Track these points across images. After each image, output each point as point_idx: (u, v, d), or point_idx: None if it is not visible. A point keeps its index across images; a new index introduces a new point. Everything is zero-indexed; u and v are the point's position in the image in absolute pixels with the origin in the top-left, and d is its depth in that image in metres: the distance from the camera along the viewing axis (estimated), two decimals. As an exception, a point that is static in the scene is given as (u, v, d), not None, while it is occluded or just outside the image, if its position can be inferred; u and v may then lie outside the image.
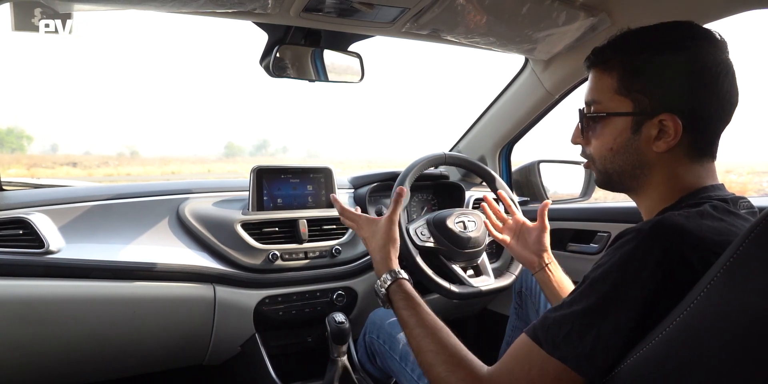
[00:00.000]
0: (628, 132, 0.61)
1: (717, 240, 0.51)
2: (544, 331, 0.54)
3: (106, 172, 33.84)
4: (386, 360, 1.01)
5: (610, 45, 0.63)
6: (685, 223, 0.52)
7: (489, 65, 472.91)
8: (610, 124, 0.63)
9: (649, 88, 0.59)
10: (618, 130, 0.62)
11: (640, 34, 0.61)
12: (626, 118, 0.61)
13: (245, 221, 1.16)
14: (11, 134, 69.00)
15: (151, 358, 1.16)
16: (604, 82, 0.63)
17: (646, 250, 0.51)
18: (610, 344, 0.50)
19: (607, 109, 0.63)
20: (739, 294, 0.43)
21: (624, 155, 0.63)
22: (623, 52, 0.61)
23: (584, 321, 0.52)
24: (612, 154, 0.63)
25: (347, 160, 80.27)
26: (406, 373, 0.93)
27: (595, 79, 0.65)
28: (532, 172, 1.69)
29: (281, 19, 1.02)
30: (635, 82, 0.60)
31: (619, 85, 0.61)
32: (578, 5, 1.00)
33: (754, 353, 0.41)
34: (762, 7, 0.86)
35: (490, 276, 1.19)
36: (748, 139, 27.36)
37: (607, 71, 0.62)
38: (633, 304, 0.50)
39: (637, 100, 0.60)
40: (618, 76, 0.61)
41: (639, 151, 0.61)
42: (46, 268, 0.96)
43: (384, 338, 1.03)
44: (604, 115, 0.63)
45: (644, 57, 0.59)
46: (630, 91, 0.60)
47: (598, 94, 0.64)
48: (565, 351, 0.52)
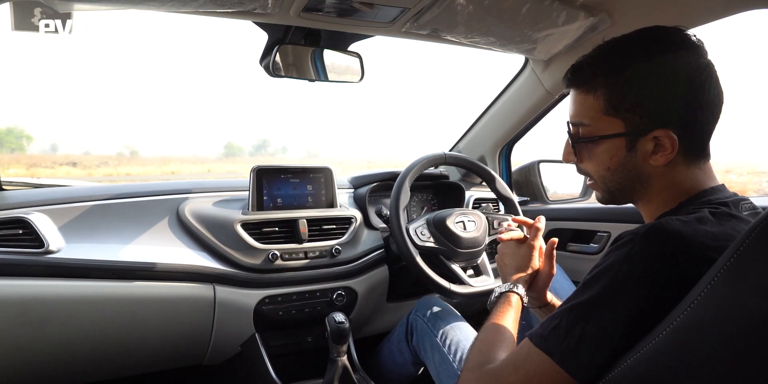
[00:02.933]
0: (623, 150, 0.60)
1: (713, 246, 0.51)
2: (537, 328, 0.57)
3: (105, 171, 33.84)
4: (424, 337, 1.05)
5: (588, 64, 0.61)
6: (681, 228, 0.52)
7: (489, 65, 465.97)
8: (602, 145, 0.62)
9: (639, 106, 0.58)
10: (612, 150, 0.61)
11: (617, 50, 0.60)
12: (619, 138, 0.60)
13: (245, 221, 1.16)
14: (11, 134, 68.98)
15: (151, 357, 1.16)
16: (590, 103, 0.61)
17: (639, 253, 0.52)
18: (596, 342, 0.51)
19: (597, 132, 0.61)
20: (739, 294, 0.43)
21: (622, 173, 0.62)
22: (606, 71, 0.60)
23: (572, 316, 0.53)
24: (610, 173, 0.63)
25: (347, 160, 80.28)
26: (442, 350, 0.99)
27: (579, 100, 0.63)
28: (532, 172, 1.69)
29: (281, 19, 1.02)
30: (623, 101, 0.59)
31: (607, 106, 0.59)
32: (578, 5, 1.00)
33: (755, 353, 0.41)
34: (761, 7, 0.86)
35: (490, 276, 1.19)
36: (748, 139, 27.09)
37: (590, 91, 0.61)
38: (622, 305, 0.51)
39: (627, 119, 0.59)
40: (604, 96, 0.59)
41: (637, 167, 0.61)
42: (46, 268, 0.96)
43: (429, 318, 1.07)
44: (597, 138, 0.61)
45: (628, 74, 0.58)
46: (619, 111, 0.59)
47: (586, 117, 0.62)
48: (551, 344, 0.53)
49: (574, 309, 0.54)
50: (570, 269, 1.22)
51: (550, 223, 1.49)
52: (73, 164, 39.37)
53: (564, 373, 0.52)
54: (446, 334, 1.02)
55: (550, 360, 0.53)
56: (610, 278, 0.52)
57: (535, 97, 1.40)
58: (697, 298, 0.45)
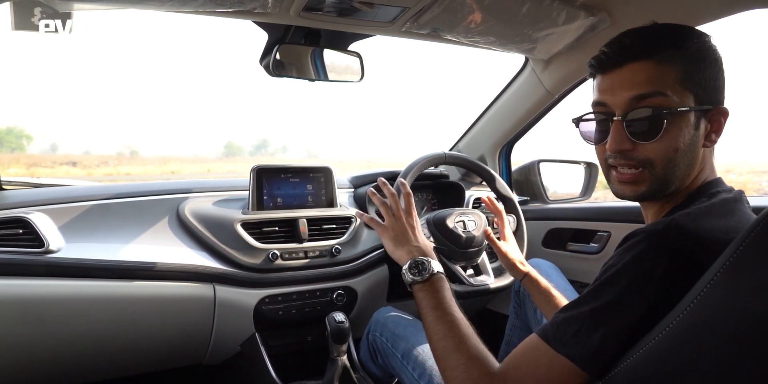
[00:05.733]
0: (692, 128, 0.57)
1: (725, 239, 0.50)
2: (553, 330, 0.55)
3: (105, 171, 33.82)
4: (388, 358, 1.01)
5: (657, 35, 0.59)
6: (695, 224, 0.52)
7: (489, 65, 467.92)
8: (676, 121, 0.57)
9: (707, 81, 0.58)
10: (684, 127, 0.57)
11: (677, 28, 0.60)
12: (689, 114, 0.57)
13: (245, 221, 1.16)
14: (11, 134, 68.95)
15: (151, 357, 1.16)
16: (668, 73, 0.57)
17: (657, 251, 0.51)
18: (617, 343, 0.51)
19: (672, 104, 0.56)
20: (738, 294, 0.43)
21: (688, 155, 0.58)
22: (677, 42, 0.57)
23: (593, 320, 0.52)
24: (678, 155, 0.58)
25: (347, 159, 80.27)
26: (407, 371, 0.93)
27: (648, 71, 0.57)
28: (532, 172, 1.69)
29: (281, 19, 1.02)
30: (697, 73, 0.57)
31: (685, 77, 0.57)
32: (578, 5, 1.00)
33: (754, 353, 0.41)
34: (761, 7, 0.86)
35: (490, 275, 1.19)
36: (748, 139, 26.98)
37: (667, 62, 0.57)
38: (642, 305, 0.50)
39: (698, 93, 0.57)
40: (682, 66, 0.57)
41: (698, 149, 0.58)
42: (46, 268, 0.96)
43: (387, 336, 1.02)
44: (674, 112, 0.56)
45: (696, 48, 0.57)
46: (694, 84, 0.57)
47: (661, 86, 0.56)
48: (573, 349, 0.52)
49: (595, 314, 0.52)
50: (570, 269, 1.22)
51: (550, 223, 1.49)
52: (73, 164, 39.36)
53: (585, 374, 0.52)
54: (408, 353, 0.94)
55: (572, 364, 0.52)
56: (629, 278, 0.51)
57: (535, 97, 1.40)
58: (696, 297, 0.45)
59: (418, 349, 0.93)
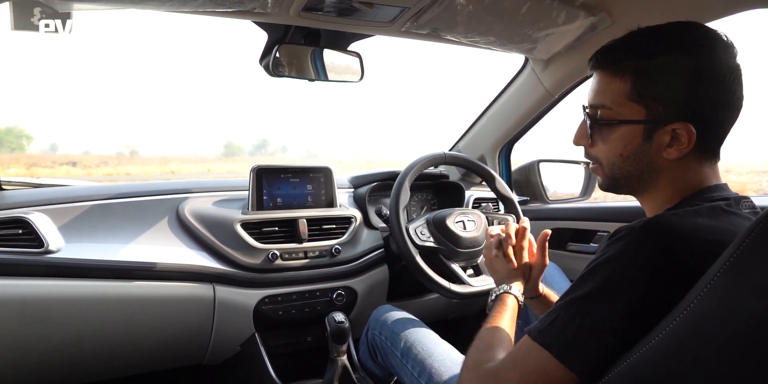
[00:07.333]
0: (639, 138, 0.59)
1: (711, 239, 0.51)
2: (536, 323, 0.57)
3: (105, 171, 33.82)
4: (387, 356, 1.00)
5: (619, 46, 0.60)
6: (678, 221, 0.53)
7: (489, 65, 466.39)
8: (620, 130, 0.60)
9: (664, 95, 0.57)
10: (629, 136, 0.60)
11: (651, 37, 0.59)
12: (638, 126, 0.59)
13: (245, 221, 1.16)
14: (10, 134, 68.95)
15: (151, 357, 1.16)
16: (615, 85, 0.60)
17: (636, 247, 0.52)
18: (594, 335, 0.51)
19: (618, 116, 0.60)
20: (739, 294, 0.43)
21: (634, 162, 0.61)
22: (636, 55, 0.58)
23: (570, 310, 0.53)
24: (621, 159, 0.62)
25: (347, 159, 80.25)
26: (407, 369, 0.93)
27: (603, 82, 0.61)
28: (531, 172, 1.69)
29: (281, 19, 1.02)
30: (650, 88, 0.57)
31: (632, 91, 0.58)
32: (578, 4, 1.00)
33: (755, 354, 0.41)
34: (762, 7, 0.86)
35: (490, 275, 1.19)
36: (747, 139, 27.01)
37: (618, 75, 0.59)
38: (620, 298, 0.51)
39: (650, 107, 0.58)
40: (631, 80, 0.58)
41: (649, 158, 0.60)
42: (46, 268, 0.96)
43: (386, 335, 1.02)
44: (616, 122, 0.60)
45: (659, 62, 0.57)
46: (643, 98, 0.58)
47: (608, 99, 0.61)
48: (549, 338, 0.53)
49: (572, 303, 0.54)
50: (570, 269, 1.22)
51: (550, 223, 1.49)
52: (73, 164, 39.36)
53: (563, 367, 0.52)
54: (407, 351, 0.94)
55: (548, 354, 0.53)
56: (608, 272, 0.52)
57: (535, 97, 1.40)
58: (697, 297, 0.45)
59: (417, 347, 0.93)
